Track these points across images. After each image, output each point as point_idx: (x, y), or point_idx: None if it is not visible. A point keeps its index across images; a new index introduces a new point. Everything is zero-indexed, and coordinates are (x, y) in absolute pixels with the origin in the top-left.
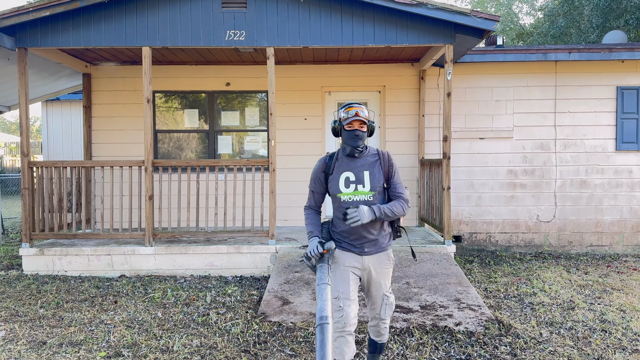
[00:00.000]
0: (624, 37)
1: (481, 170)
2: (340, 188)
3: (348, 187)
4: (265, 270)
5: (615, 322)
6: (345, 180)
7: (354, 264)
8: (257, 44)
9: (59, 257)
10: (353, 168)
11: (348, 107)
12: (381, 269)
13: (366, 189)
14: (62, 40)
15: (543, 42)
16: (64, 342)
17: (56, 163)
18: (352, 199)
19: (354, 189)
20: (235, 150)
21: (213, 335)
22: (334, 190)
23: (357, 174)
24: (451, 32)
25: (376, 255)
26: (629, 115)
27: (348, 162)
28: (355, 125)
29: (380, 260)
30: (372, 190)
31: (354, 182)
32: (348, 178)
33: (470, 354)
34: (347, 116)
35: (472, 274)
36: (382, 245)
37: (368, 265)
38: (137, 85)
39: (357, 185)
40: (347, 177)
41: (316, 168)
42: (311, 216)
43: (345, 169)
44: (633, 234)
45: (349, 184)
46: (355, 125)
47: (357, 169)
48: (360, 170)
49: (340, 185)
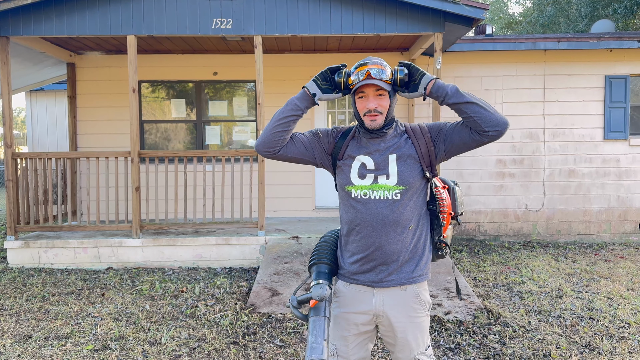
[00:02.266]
0: (612, 26)
1: (470, 159)
2: (351, 179)
3: (363, 177)
4: (254, 261)
5: (602, 310)
6: (360, 168)
7: (359, 307)
8: (244, 33)
9: (45, 250)
10: (373, 151)
11: (360, 66)
12: (407, 316)
13: (391, 182)
14: (45, 29)
15: (532, 31)
16: (50, 336)
17: (41, 154)
18: (368, 196)
19: (372, 182)
20: (224, 141)
21: (202, 327)
22: (343, 182)
23: (378, 159)
24: (441, 20)
25: (398, 292)
26: (617, 104)
27: (366, 142)
28: (368, 94)
29: (404, 301)
30: (401, 185)
31: (373, 170)
32: (364, 165)
33: (459, 343)
34: (356, 79)
35: (461, 263)
36: (409, 273)
37: (382, 308)
38: (123, 75)
39: (376, 175)
40: (363, 163)
41: (325, 131)
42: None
43: (362, 152)
44: (620, 222)
45: (365, 173)
46: (369, 92)
47: (379, 152)
48: (384, 154)
49: (352, 174)
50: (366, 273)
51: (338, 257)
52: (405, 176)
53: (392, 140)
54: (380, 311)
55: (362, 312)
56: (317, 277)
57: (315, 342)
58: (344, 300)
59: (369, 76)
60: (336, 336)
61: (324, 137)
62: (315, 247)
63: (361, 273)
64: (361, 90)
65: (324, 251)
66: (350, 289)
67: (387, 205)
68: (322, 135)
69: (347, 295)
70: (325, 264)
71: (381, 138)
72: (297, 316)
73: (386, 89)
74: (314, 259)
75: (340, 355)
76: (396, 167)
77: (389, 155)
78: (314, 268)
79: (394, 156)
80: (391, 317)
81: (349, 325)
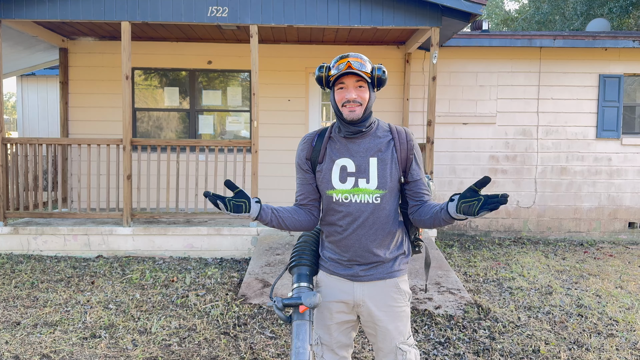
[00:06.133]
0: (608, 25)
1: (464, 155)
2: (332, 182)
3: (344, 181)
4: (246, 252)
5: (591, 307)
6: (341, 171)
7: (340, 296)
8: (240, 21)
9: (34, 237)
10: (354, 152)
11: (340, 60)
12: (387, 305)
13: (371, 186)
14: (38, 13)
15: (528, 28)
16: (38, 323)
17: (31, 140)
18: (349, 199)
19: (353, 185)
20: (217, 131)
21: (192, 317)
22: (324, 186)
23: (359, 162)
24: (438, 14)
25: (378, 283)
26: (610, 103)
27: (346, 144)
28: (348, 85)
29: (384, 291)
30: (381, 189)
31: (354, 173)
32: (345, 168)
33: (449, 337)
34: (337, 72)
35: (452, 258)
36: (388, 268)
37: (362, 298)
38: (116, 62)
39: (357, 178)
40: (344, 165)
41: (299, 153)
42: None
43: (342, 154)
44: (610, 220)
45: (346, 176)
46: (349, 83)
47: (360, 153)
48: (364, 156)
49: (334, 178)
50: (346, 269)
51: (319, 251)
52: (385, 180)
53: (372, 141)
54: (361, 300)
55: (343, 302)
56: (299, 279)
57: (301, 346)
58: (325, 290)
59: (350, 67)
60: (319, 325)
61: (304, 159)
62: (294, 246)
63: (339, 264)
64: (341, 81)
65: (303, 252)
66: (331, 279)
67: (367, 209)
68: (303, 161)
69: (329, 285)
70: (306, 265)
71: (361, 138)
72: (280, 317)
73: (367, 80)
74: (295, 260)
75: (324, 343)
76: (376, 170)
77: (370, 159)
78: (295, 270)
79: (375, 159)
80: (371, 306)
81: (331, 314)
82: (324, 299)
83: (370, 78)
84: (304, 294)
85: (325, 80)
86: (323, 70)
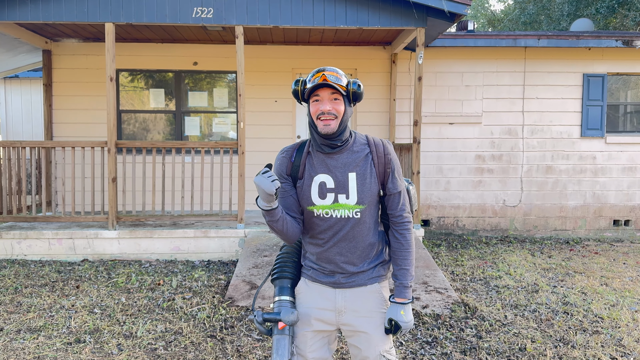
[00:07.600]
0: (591, 25)
1: (450, 155)
2: (312, 199)
3: (324, 197)
4: (233, 254)
5: (577, 304)
6: (320, 187)
7: (321, 304)
8: (225, 22)
9: (18, 241)
10: (332, 168)
11: (316, 73)
12: (369, 311)
13: (351, 201)
14: (20, 14)
15: (514, 28)
16: (22, 329)
17: (14, 143)
18: (329, 214)
19: (333, 201)
20: (204, 132)
21: (178, 321)
22: (305, 202)
23: (338, 177)
24: (423, 15)
25: (359, 289)
26: (594, 102)
27: (324, 159)
28: (323, 98)
29: (366, 296)
30: (361, 204)
31: (333, 189)
32: (324, 184)
33: (436, 336)
34: (312, 85)
35: (439, 258)
36: (369, 274)
37: (344, 304)
38: (101, 63)
39: (337, 194)
40: (323, 182)
41: (278, 167)
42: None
43: (320, 170)
44: (595, 218)
45: (326, 192)
46: (324, 96)
47: (338, 169)
48: (343, 172)
49: (313, 194)
50: (328, 277)
51: (301, 261)
52: (364, 195)
53: (350, 156)
54: (343, 307)
55: (324, 309)
56: (280, 292)
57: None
58: (304, 297)
59: (325, 79)
60: (297, 333)
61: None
62: (276, 258)
63: (323, 277)
64: (316, 93)
65: (285, 264)
66: (312, 286)
67: (348, 223)
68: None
69: (309, 292)
70: (287, 278)
71: (338, 154)
72: (260, 330)
73: (342, 93)
74: (277, 273)
75: (299, 353)
76: (356, 186)
77: (349, 174)
78: (277, 282)
79: (354, 175)
80: (353, 313)
81: (309, 320)
82: (303, 304)
83: (345, 91)
84: (283, 310)
85: (301, 93)
86: (299, 84)
